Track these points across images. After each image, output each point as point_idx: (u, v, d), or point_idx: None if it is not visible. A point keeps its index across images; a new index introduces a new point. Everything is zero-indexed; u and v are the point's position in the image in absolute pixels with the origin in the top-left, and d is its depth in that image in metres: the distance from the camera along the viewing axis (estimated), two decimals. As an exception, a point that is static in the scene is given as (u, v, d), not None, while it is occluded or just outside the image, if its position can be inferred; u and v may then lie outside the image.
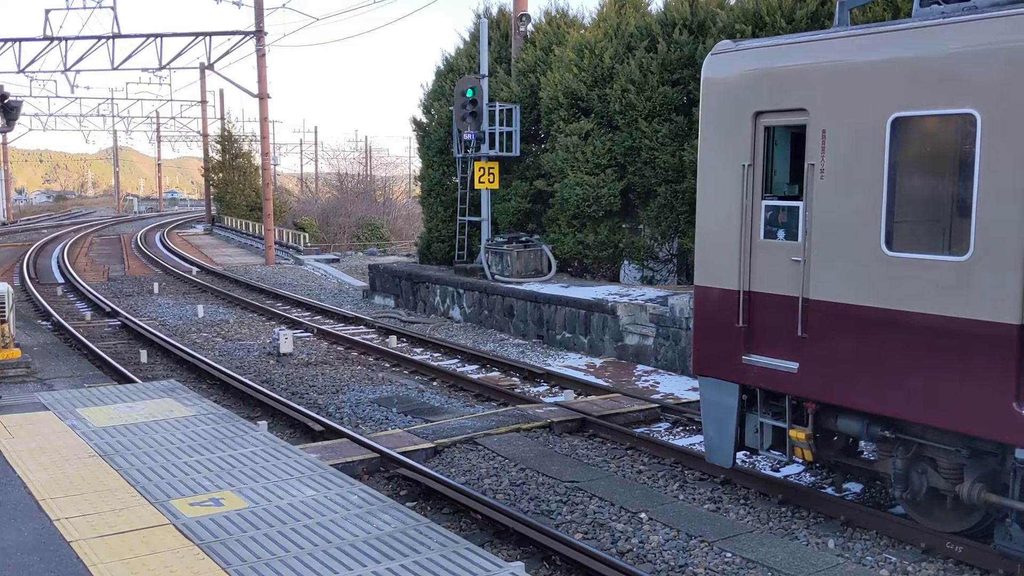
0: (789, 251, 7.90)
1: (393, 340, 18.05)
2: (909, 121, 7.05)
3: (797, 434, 8.10)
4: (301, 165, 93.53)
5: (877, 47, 7.29)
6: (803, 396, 7.95)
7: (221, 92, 60.93)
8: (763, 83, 8.14)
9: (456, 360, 16.22)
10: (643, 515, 8.36)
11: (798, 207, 7.84)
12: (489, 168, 20.89)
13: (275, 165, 56.82)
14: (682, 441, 10.75)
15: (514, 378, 14.55)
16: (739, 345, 8.34)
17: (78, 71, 35.80)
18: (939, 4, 7.29)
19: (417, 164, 42.33)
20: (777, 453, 8.53)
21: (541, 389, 13.89)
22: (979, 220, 6.56)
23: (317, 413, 11.98)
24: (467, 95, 20.66)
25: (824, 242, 7.60)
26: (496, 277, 20.25)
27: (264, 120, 36.59)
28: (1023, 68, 6.31)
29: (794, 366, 7.89)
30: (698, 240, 8.96)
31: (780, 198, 8.19)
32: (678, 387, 13.80)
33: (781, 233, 8.02)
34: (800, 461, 8.59)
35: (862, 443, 8.63)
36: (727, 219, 8.41)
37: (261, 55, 34.95)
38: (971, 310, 6.61)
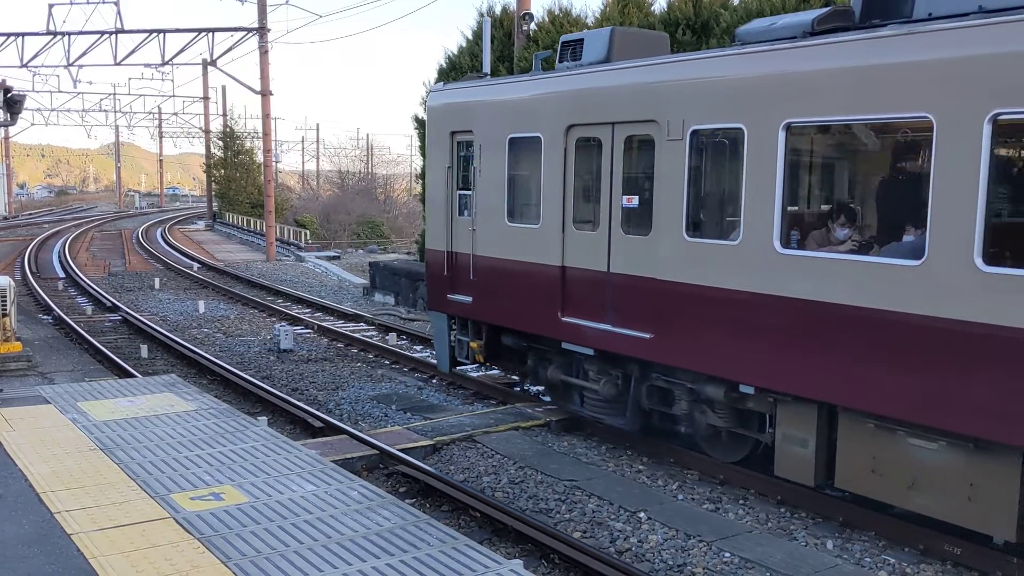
0: (468, 224, 11.70)
1: (393, 337, 18.08)
2: (518, 139, 10.84)
3: (475, 345, 11.90)
4: (303, 162, 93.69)
5: (502, 91, 11.38)
6: (475, 319, 11.82)
7: (223, 88, 61.12)
8: (454, 112, 12.06)
9: (456, 358, 16.20)
10: (642, 514, 8.37)
11: (471, 195, 11.60)
12: (491, 167, 20.86)
13: (277, 162, 56.67)
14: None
15: (513, 376, 14.52)
16: (446, 288, 12.14)
17: (81, 66, 35.61)
18: (573, 62, 10.43)
19: (418, 162, 42.34)
20: (469, 362, 12.22)
21: (540, 388, 13.86)
22: (543, 204, 10.34)
23: (317, 409, 12.02)
24: (469, 93, 20.66)
25: (481, 218, 11.46)
26: (496, 276, 20.29)
27: (266, 117, 36.59)
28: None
29: (469, 300, 11.73)
30: (426, 217, 13.37)
31: (466, 189, 11.78)
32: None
33: (466, 212, 11.81)
34: (481, 363, 12.23)
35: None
36: (440, 203, 12.26)
37: (264, 52, 34.94)
38: (542, 258, 10.41)
